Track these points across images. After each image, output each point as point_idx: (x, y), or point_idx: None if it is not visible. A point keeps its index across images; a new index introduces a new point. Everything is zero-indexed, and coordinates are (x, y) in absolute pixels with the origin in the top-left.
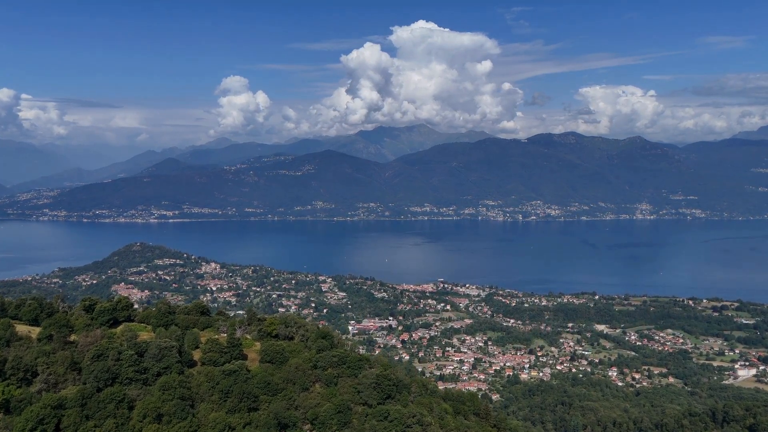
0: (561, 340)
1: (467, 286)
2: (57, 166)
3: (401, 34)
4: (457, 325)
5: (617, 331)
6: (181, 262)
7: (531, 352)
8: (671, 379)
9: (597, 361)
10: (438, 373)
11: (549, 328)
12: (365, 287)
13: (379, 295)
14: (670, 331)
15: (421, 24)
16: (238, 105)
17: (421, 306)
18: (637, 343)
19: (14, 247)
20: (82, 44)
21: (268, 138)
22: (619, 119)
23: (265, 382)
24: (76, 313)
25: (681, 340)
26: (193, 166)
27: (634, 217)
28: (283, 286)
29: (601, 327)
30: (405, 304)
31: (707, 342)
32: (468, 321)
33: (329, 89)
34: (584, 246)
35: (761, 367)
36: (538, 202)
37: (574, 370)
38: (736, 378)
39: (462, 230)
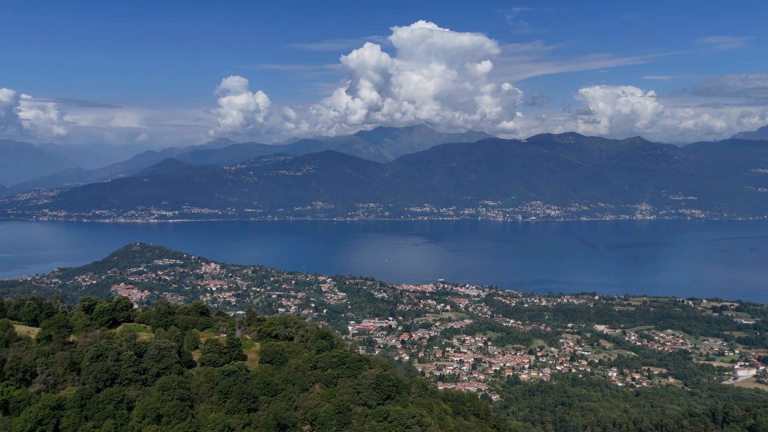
0: (561, 341)
1: (467, 286)
2: (57, 166)
3: (401, 34)
4: (456, 325)
5: (617, 331)
6: (180, 262)
7: (531, 352)
8: (671, 380)
9: (597, 361)
10: (438, 373)
11: (549, 329)
12: (365, 287)
13: (379, 296)
14: (669, 331)
15: (420, 24)
16: (238, 105)
17: (421, 306)
18: (637, 344)
19: (14, 247)
20: (82, 44)
21: (268, 138)
22: (619, 119)
23: (264, 383)
24: (75, 313)
25: (681, 341)
26: (193, 166)
27: (634, 218)
28: (283, 286)
29: (601, 327)
30: (405, 304)
31: (707, 342)
32: (468, 321)
33: (329, 89)
34: (584, 246)
35: (761, 368)
36: (538, 202)
37: (573, 370)
38: (735, 378)
39: (462, 230)
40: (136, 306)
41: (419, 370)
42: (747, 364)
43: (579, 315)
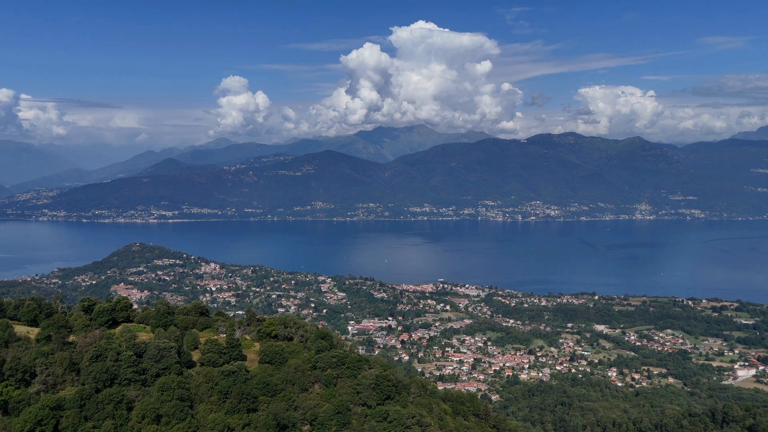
0: (560, 341)
1: (467, 286)
2: (56, 166)
3: (401, 34)
4: (456, 325)
5: (617, 331)
6: (180, 262)
7: (530, 352)
8: (671, 380)
9: (596, 361)
10: (437, 373)
11: (548, 329)
12: (365, 287)
13: (379, 296)
14: (669, 331)
15: (420, 24)
16: (238, 105)
17: (421, 306)
18: (637, 344)
19: (14, 248)
20: (82, 44)
21: (268, 138)
22: (619, 119)
23: (264, 383)
24: (75, 313)
25: (680, 341)
26: (193, 167)
27: (634, 218)
28: (283, 286)
29: (600, 327)
30: (404, 304)
31: (707, 342)
32: (467, 321)
33: (329, 89)
34: (584, 246)
35: (761, 368)
36: (538, 202)
37: (573, 370)
38: (735, 378)
39: (461, 230)
40: (135, 306)
41: (419, 370)
42: (746, 364)
43: (579, 315)
